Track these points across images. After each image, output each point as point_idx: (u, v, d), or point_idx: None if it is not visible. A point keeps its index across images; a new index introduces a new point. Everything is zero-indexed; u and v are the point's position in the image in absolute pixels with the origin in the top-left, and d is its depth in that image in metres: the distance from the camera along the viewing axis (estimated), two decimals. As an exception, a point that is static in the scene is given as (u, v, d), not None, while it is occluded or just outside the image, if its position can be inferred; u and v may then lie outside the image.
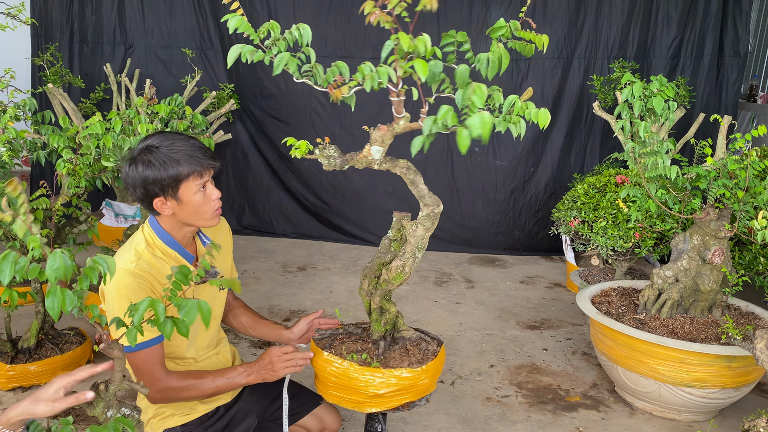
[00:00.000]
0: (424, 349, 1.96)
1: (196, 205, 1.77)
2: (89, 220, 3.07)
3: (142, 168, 1.72)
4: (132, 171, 1.74)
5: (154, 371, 1.73)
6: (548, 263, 5.25)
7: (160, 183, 1.72)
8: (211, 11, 5.46)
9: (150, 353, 1.71)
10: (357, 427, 2.70)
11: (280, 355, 1.87)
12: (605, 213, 3.62)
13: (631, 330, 2.72)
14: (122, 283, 1.69)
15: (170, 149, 1.73)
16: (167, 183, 1.72)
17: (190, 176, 1.73)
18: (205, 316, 1.25)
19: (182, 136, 1.78)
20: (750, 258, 3.27)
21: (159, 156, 1.72)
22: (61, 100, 4.54)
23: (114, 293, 1.69)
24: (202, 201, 1.78)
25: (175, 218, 1.80)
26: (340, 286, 4.51)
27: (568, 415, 2.90)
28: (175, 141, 1.75)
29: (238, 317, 2.19)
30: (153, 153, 1.73)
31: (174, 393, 1.76)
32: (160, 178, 1.72)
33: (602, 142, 5.25)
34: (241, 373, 1.85)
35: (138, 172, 1.73)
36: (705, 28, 5.04)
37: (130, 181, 1.76)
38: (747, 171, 2.56)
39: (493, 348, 3.57)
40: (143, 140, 1.77)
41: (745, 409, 2.95)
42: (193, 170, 1.73)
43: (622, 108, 2.56)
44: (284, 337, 2.09)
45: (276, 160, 5.67)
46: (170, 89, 5.34)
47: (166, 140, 1.75)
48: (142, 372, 1.72)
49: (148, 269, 1.73)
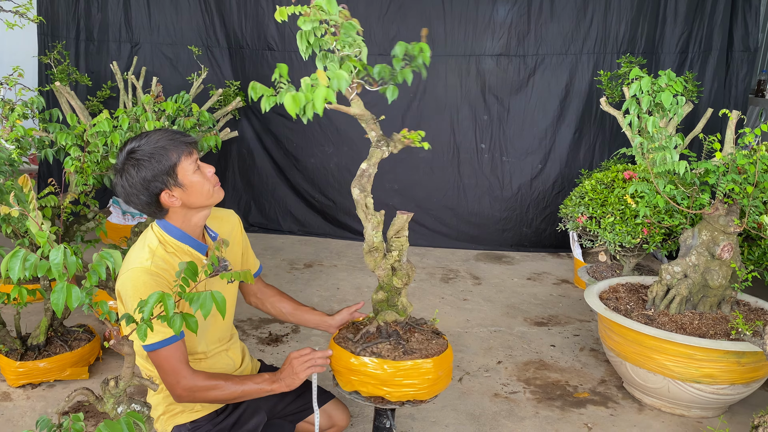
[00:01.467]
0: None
1: (199, 185, 1.78)
2: (97, 218, 3.09)
3: (134, 171, 1.73)
4: (127, 179, 1.75)
5: (179, 369, 1.72)
6: (555, 260, 5.24)
7: (160, 176, 1.73)
8: (217, 9, 5.46)
9: (172, 351, 1.71)
10: (365, 423, 2.70)
11: (298, 357, 1.87)
12: (613, 209, 3.61)
13: (639, 326, 2.71)
14: (139, 281, 1.69)
15: (151, 143, 1.74)
16: (165, 173, 1.73)
17: (181, 158, 1.75)
18: (221, 306, 1.26)
19: (154, 130, 1.81)
20: (759, 253, 3.25)
21: (144, 153, 1.73)
22: (68, 98, 4.54)
23: (131, 292, 1.69)
24: (201, 179, 1.79)
25: (185, 208, 1.80)
26: (347, 282, 4.51)
27: (576, 411, 2.89)
28: (150, 135, 1.77)
29: (277, 305, 2.19)
30: (137, 153, 1.73)
31: (201, 392, 1.76)
32: (157, 171, 1.73)
33: (611, 138, 5.23)
34: (266, 380, 1.85)
35: (133, 177, 1.74)
36: (714, 23, 5.01)
37: (130, 189, 1.75)
38: (756, 166, 2.54)
39: (501, 344, 3.57)
40: (120, 150, 1.78)
41: (755, 405, 2.93)
42: (180, 152, 1.75)
43: (630, 103, 2.54)
44: (325, 324, 2.10)
45: (282, 157, 5.67)
46: (177, 87, 5.34)
47: (142, 138, 1.77)
48: (166, 371, 1.72)
49: (164, 266, 1.74)
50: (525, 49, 5.14)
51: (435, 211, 5.46)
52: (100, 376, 3.04)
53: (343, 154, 5.52)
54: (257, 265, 2.20)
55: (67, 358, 2.91)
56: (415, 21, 5.17)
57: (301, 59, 1.94)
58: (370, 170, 1.82)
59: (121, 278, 1.73)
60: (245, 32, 5.46)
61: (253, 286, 2.20)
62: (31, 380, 2.87)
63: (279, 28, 5.35)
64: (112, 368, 3.11)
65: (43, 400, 2.82)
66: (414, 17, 5.18)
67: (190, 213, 1.82)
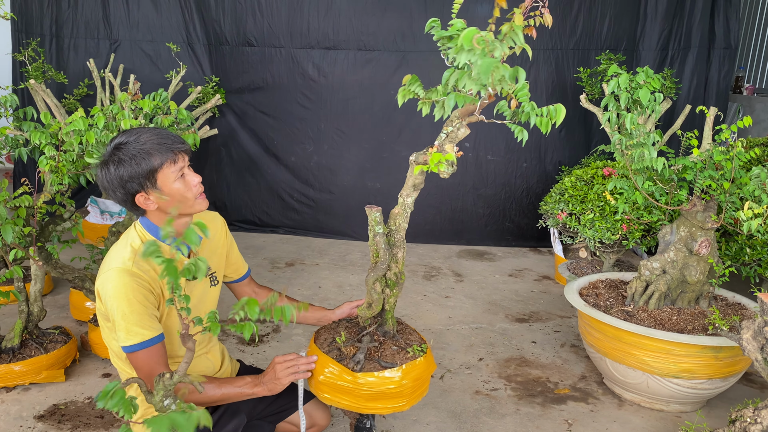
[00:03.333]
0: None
1: (178, 194, 1.75)
2: (73, 218, 3.04)
3: (113, 168, 1.71)
4: (106, 174, 1.72)
5: (157, 371, 1.70)
6: (537, 256, 5.26)
7: (137, 178, 1.70)
8: (196, 5, 5.40)
9: (150, 353, 1.69)
10: (346, 423, 2.69)
11: (282, 362, 1.85)
12: (592, 205, 3.62)
13: (618, 322, 2.73)
14: (120, 282, 1.66)
15: (137, 142, 1.71)
16: (143, 176, 1.70)
17: (163, 165, 1.71)
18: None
19: (149, 128, 1.77)
20: (736, 249, 3.28)
21: (128, 152, 1.70)
22: (44, 96, 4.48)
23: (112, 293, 1.67)
24: (183, 188, 1.75)
25: (162, 211, 1.78)
26: (329, 281, 4.49)
27: (557, 407, 2.90)
28: (141, 134, 1.73)
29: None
30: (122, 150, 1.71)
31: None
32: (135, 173, 1.70)
33: (595, 135, 5.26)
34: (248, 383, 1.83)
35: (111, 173, 1.71)
36: (693, 20, 5.06)
37: (108, 184, 1.74)
38: (733, 162, 2.57)
39: (482, 341, 3.57)
40: (111, 141, 1.75)
41: (733, 399, 2.97)
42: (165, 158, 1.71)
43: (608, 100, 2.55)
44: (327, 318, 2.10)
45: (263, 155, 5.63)
46: (158, 84, 5.28)
47: (132, 135, 1.73)
48: (143, 372, 1.70)
49: (146, 266, 1.72)
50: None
51: (418, 209, 5.44)
52: (77, 379, 3.00)
53: (323, 153, 5.49)
54: (245, 268, 2.19)
55: (43, 361, 2.86)
56: (395, 15, 5.16)
57: (280, 53, 1.92)
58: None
59: (102, 277, 1.71)
60: (224, 28, 5.41)
61: (247, 288, 2.19)
62: (5, 384, 2.82)
63: (258, 23, 5.31)
64: (90, 370, 3.07)
65: (18, 403, 2.77)
66: (394, 11, 5.16)
67: (163, 215, 1.79)
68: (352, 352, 1.89)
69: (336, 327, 2.05)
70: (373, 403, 1.85)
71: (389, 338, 1.97)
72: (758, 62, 6.34)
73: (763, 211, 2.30)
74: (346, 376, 1.83)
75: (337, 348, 1.92)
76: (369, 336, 1.95)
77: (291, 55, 5.32)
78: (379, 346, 1.93)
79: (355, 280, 4.53)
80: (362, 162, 5.41)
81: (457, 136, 1.71)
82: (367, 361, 1.87)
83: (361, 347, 1.90)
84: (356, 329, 2.02)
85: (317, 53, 5.30)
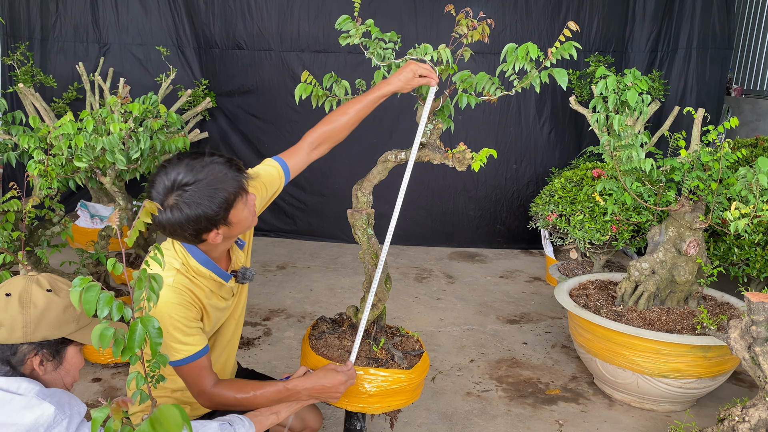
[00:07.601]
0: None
1: (246, 220, 1.69)
2: (63, 222, 3.02)
3: (187, 209, 1.56)
4: (173, 216, 1.57)
5: (202, 382, 1.71)
6: (528, 257, 5.27)
7: (213, 219, 1.59)
8: (186, 8, 5.39)
9: (196, 365, 1.70)
10: (337, 425, 2.69)
11: (341, 376, 1.81)
12: (582, 206, 3.64)
13: (608, 322, 2.74)
14: (163, 298, 1.64)
15: (206, 180, 1.58)
16: (220, 216, 1.60)
17: (237, 198, 1.62)
18: None
19: (203, 160, 1.61)
20: (724, 249, 3.31)
21: (199, 192, 1.57)
22: (33, 100, 4.45)
23: (154, 310, 1.62)
24: (248, 214, 1.69)
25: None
26: (320, 284, 4.49)
27: (548, 408, 2.91)
28: (204, 166, 1.59)
29: (335, 128, 2.29)
30: (188, 191, 1.56)
31: (221, 399, 1.74)
32: (212, 213, 1.58)
33: (590, 137, 5.29)
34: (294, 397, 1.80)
35: (184, 215, 1.56)
36: (682, 22, 5.10)
37: (176, 227, 1.60)
38: (720, 163, 2.59)
39: (474, 343, 3.58)
40: (162, 177, 1.58)
41: (721, 398, 2.99)
42: (237, 192, 1.62)
43: (596, 101, 2.57)
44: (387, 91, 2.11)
45: (253, 158, 5.62)
46: (148, 88, 5.25)
47: (192, 171, 1.58)
48: (188, 383, 1.72)
49: (187, 283, 1.70)
50: (499, 46, 5.17)
51: (409, 211, 5.47)
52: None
53: (315, 155, 5.49)
54: (278, 166, 2.13)
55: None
56: (385, 19, 5.16)
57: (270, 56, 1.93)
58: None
59: None
60: (214, 31, 5.40)
61: (307, 158, 2.30)
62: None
63: (248, 26, 5.31)
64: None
65: None
66: (383, 15, 5.17)
67: (223, 242, 1.73)
68: (386, 355, 1.94)
69: (334, 337, 2.06)
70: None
71: (389, 335, 2.05)
72: (746, 64, 6.40)
73: (750, 212, 2.33)
74: (401, 376, 1.87)
75: (369, 357, 1.94)
76: (383, 333, 2.01)
77: (281, 58, 5.32)
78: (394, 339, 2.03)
79: (347, 282, 4.53)
80: (353, 165, 5.41)
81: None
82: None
83: (389, 347, 1.94)
84: (352, 331, 2.06)
85: (307, 56, 5.30)
